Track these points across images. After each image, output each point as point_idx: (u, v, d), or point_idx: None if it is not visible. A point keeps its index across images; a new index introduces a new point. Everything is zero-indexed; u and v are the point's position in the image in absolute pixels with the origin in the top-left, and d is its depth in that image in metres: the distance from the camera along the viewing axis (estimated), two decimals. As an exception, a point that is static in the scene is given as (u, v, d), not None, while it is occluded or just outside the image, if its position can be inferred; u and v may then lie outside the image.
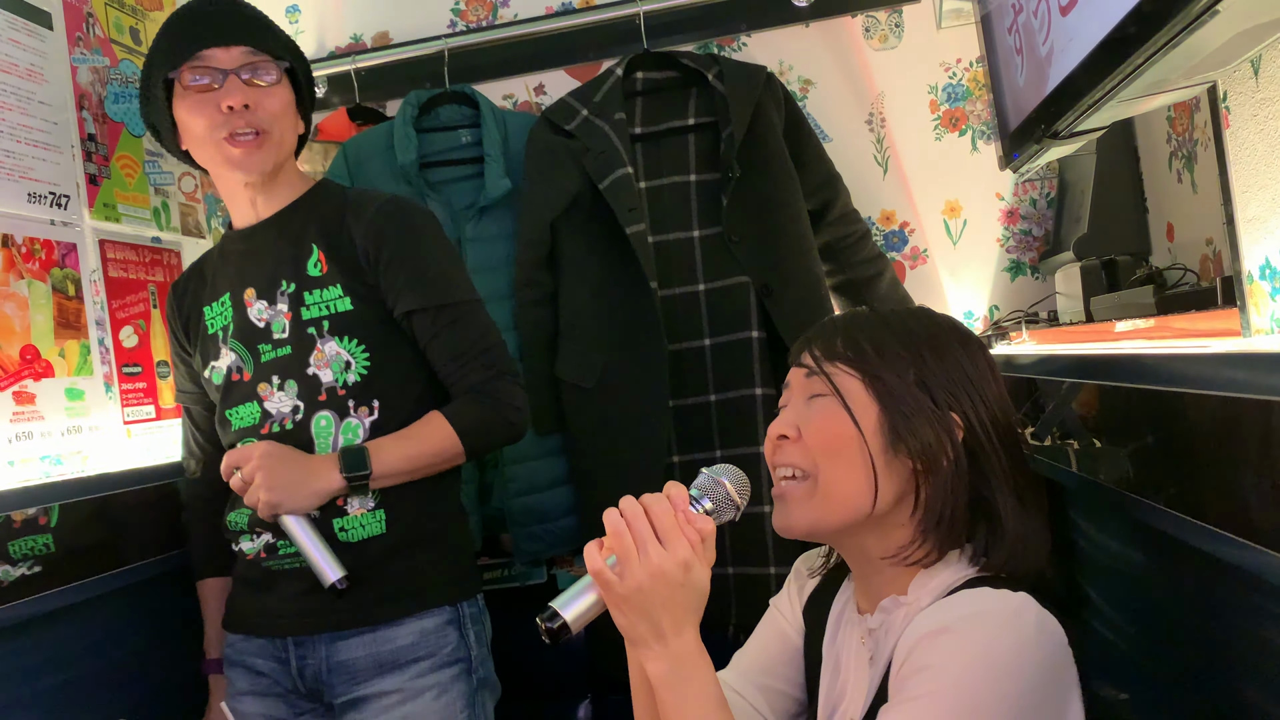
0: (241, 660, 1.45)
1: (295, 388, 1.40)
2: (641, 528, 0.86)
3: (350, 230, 1.42)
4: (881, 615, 0.96)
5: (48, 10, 1.61)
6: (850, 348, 0.96)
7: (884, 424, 0.93)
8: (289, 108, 1.43)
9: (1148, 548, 1.13)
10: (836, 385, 0.95)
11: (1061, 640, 0.86)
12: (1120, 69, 0.93)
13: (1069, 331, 1.64)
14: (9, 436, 1.43)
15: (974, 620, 0.84)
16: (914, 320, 1.00)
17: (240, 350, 1.44)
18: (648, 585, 0.85)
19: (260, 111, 1.38)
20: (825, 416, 0.95)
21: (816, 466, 0.95)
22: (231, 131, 1.37)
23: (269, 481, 1.31)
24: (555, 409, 1.98)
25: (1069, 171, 1.91)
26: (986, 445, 0.95)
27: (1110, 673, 1.24)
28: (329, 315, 1.40)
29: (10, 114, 1.51)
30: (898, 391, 0.94)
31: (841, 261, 2.01)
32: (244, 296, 1.45)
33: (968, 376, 0.96)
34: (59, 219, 1.59)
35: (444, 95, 2.08)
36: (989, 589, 0.88)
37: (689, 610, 0.88)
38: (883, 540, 0.96)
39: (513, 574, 2.15)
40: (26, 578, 1.32)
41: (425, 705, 1.37)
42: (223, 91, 1.36)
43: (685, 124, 1.99)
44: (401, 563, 1.39)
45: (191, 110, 1.38)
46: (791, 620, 1.13)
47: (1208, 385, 0.87)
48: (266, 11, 1.45)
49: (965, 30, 2.04)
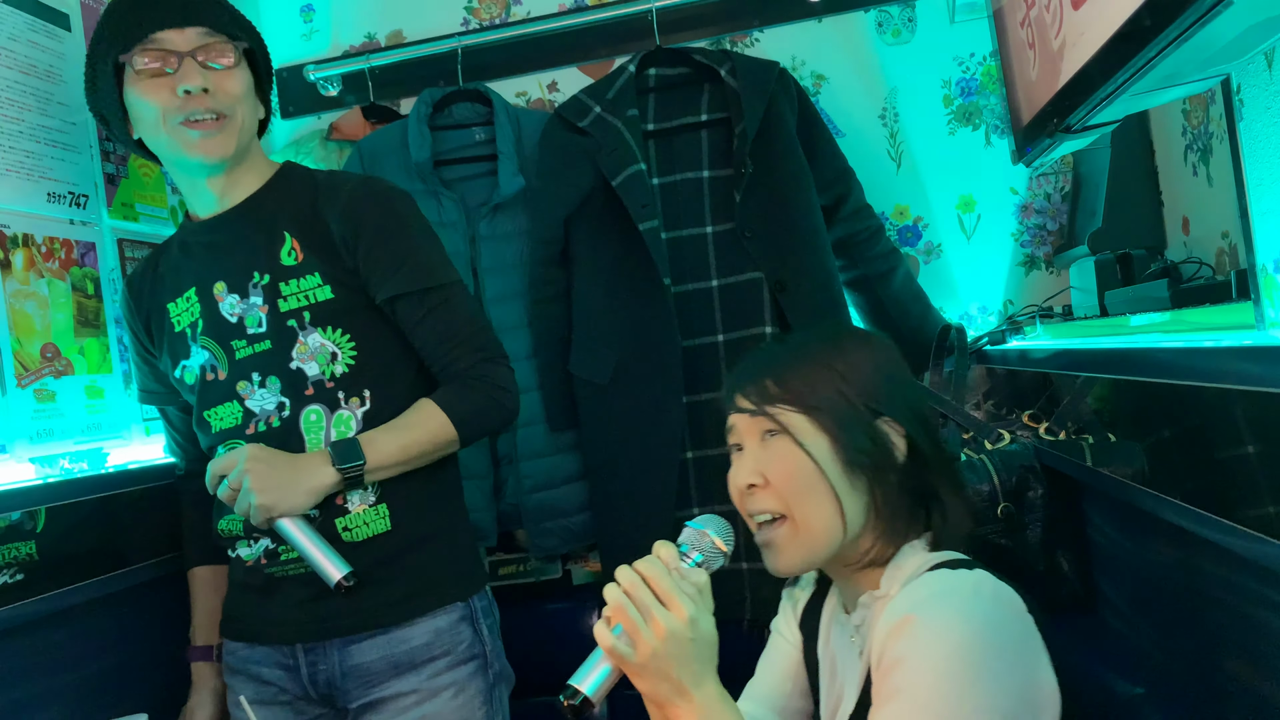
0: (245, 669, 1.40)
1: (278, 384, 1.35)
2: (642, 595, 0.90)
3: (324, 215, 1.36)
4: (862, 611, 1.01)
5: (65, 12, 1.63)
6: (782, 387, 1.02)
7: (836, 452, 1.00)
8: (249, 90, 1.36)
9: (1162, 541, 1.13)
10: (786, 424, 1.01)
11: (1020, 608, 0.91)
12: (1133, 62, 0.92)
13: (1083, 326, 1.64)
14: (31, 434, 1.44)
15: (935, 603, 0.90)
16: (822, 343, 1.06)
17: (213, 347, 1.38)
18: (661, 649, 0.89)
19: (219, 94, 1.31)
20: (785, 459, 1.00)
21: (790, 507, 1.00)
22: (189, 116, 1.30)
23: (259, 485, 1.25)
24: (569, 406, 1.99)
25: (1083, 165, 1.90)
26: (921, 435, 1.03)
27: (1125, 666, 1.24)
28: (309, 305, 1.34)
29: (29, 115, 1.53)
30: (838, 417, 1.00)
31: (855, 257, 2.01)
32: (213, 291, 1.38)
33: (888, 377, 1.04)
34: (78, 218, 1.61)
35: (458, 93, 2.08)
36: (945, 570, 0.94)
37: (704, 661, 0.91)
38: (850, 550, 1.02)
39: (528, 569, 2.16)
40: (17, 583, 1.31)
41: (444, 704, 1.35)
42: (178, 75, 1.29)
43: (698, 120, 1.99)
44: (410, 561, 1.36)
45: (145, 95, 1.31)
46: (791, 637, 1.18)
47: (1222, 379, 0.87)
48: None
49: (978, 24, 2.03)
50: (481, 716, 1.38)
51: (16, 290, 1.46)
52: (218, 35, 1.32)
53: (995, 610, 0.90)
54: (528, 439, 1.99)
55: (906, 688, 0.87)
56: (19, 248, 1.48)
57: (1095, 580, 1.48)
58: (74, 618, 1.40)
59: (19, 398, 1.43)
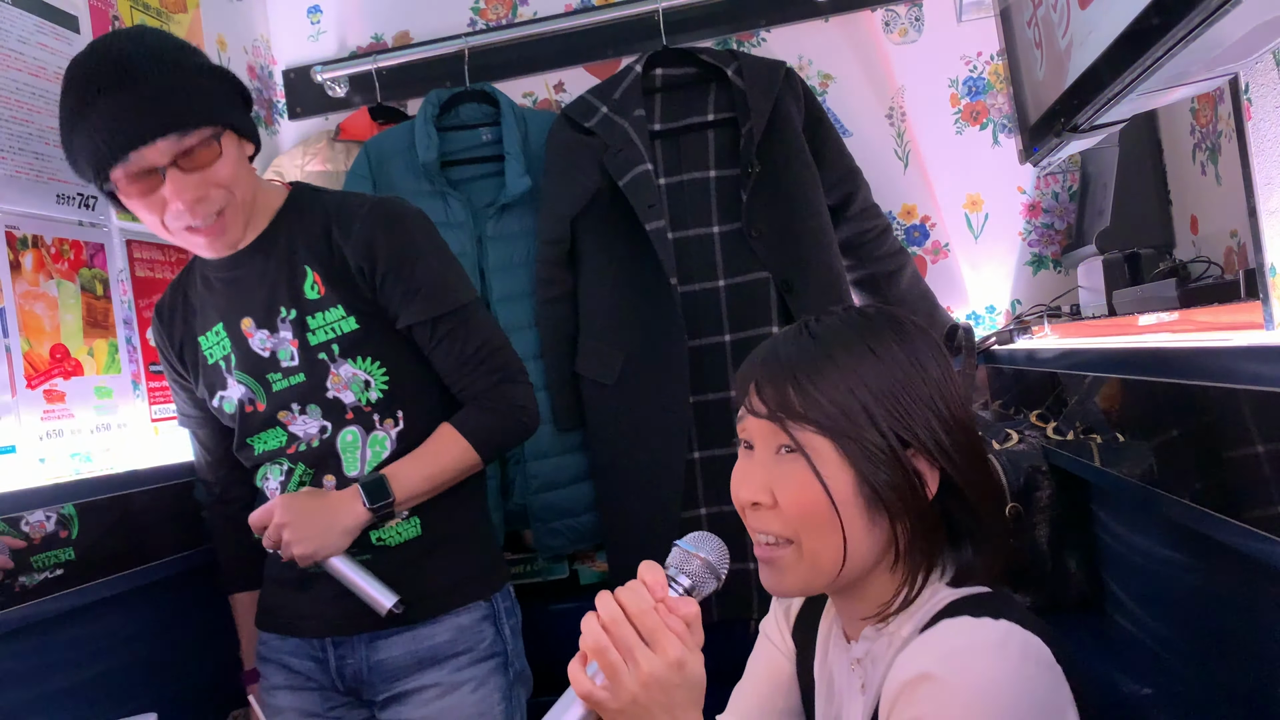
0: (276, 658, 1.46)
1: (319, 410, 1.39)
2: (624, 634, 0.80)
3: (339, 246, 1.37)
4: (865, 644, 0.93)
5: (74, 14, 1.63)
6: (805, 401, 0.89)
7: (860, 487, 0.88)
8: (238, 161, 1.31)
9: (1170, 542, 1.12)
10: (803, 444, 0.89)
11: (1050, 663, 0.82)
12: (1141, 61, 0.92)
13: (1091, 325, 1.63)
14: (40, 434, 1.45)
15: (958, 659, 0.80)
16: (854, 352, 0.91)
17: (249, 382, 1.41)
18: (643, 697, 0.79)
19: (213, 193, 1.28)
20: (800, 486, 0.89)
21: (798, 535, 0.90)
22: (188, 225, 1.28)
23: (297, 535, 1.31)
24: (576, 405, 1.99)
25: (1091, 164, 1.89)
26: (960, 466, 0.89)
27: (1133, 667, 1.24)
28: (337, 338, 1.37)
29: (39, 117, 1.53)
30: (865, 448, 0.87)
31: (862, 256, 2.01)
32: (241, 327, 1.40)
33: (924, 398, 0.89)
34: (87, 220, 1.61)
35: (464, 94, 2.09)
36: (968, 618, 0.84)
37: (689, 706, 0.82)
38: (863, 595, 0.93)
39: (535, 569, 2.16)
40: (49, 580, 1.34)
41: (463, 698, 1.39)
42: (167, 189, 1.24)
43: (705, 120, 1.99)
44: (437, 561, 1.41)
45: (142, 211, 1.28)
46: (782, 645, 1.11)
47: (1231, 379, 0.87)
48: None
49: (985, 23, 2.03)
50: (500, 713, 1.42)
51: (26, 291, 1.47)
52: (190, 134, 1.24)
53: (1023, 669, 0.80)
54: (534, 439, 1.99)
55: None
56: (28, 249, 1.48)
57: (1103, 580, 1.48)
58: (82, 618, 1.41)
59: (29, 398, 1.44)
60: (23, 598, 1.29)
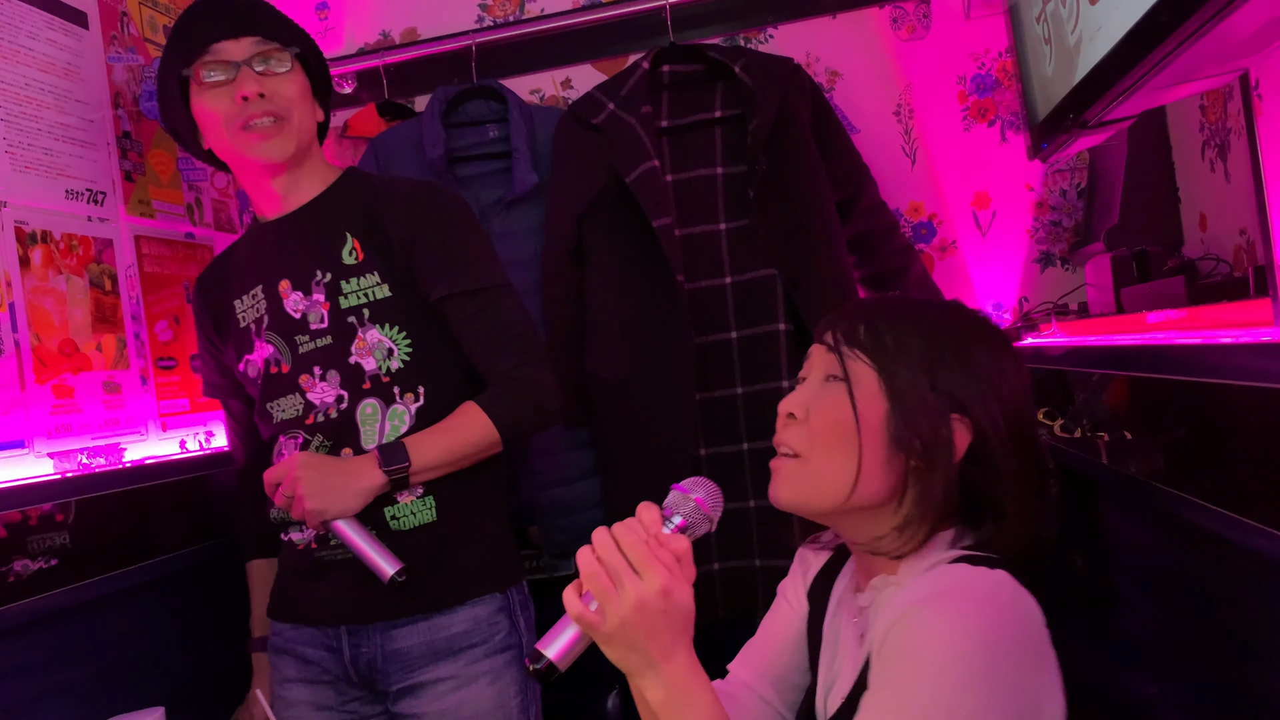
0: (290, 649, 1.45)
1: (338, 377, 1.41)
2: (615, 561, 0.85)
3: (382, 217, 1.42)
4: (872, 593, 0.97)
5: (83, 10, 1.64)
6: (871, 336, 0.96)
7: (889, 422, 0.93)
8: (304, 93, 1.43)
9: (1179, 541, 1.12)
10: (850, 373, 0.95)
11: (1038, 621, 0.85)
12: (1150, 57, 0.92)
13: (1099, 323, 1.63)
14: (49, 429, 1.45)
15: (947, 596, 0.84)
16: (939, 315, 0.99)
17: (277, 342, 1.44)
18: (631, 619, 0.84)
19: (275, 98, 1.38)
20: (833, 405, 0.95)
21: (811, 450, 0.95)
22: (247, 120, 1.37)
23: (310, 490, 1.32)
24: (582, 402, 1.99)
25: (1099, 161, 1.89)
26: (997, 447, 0.94)
27: (1139, 666, 1.23)
28: (368, 303, 1.40)
29: (48, 112, 1.54)
30: (908, 390, 0.93)
31: (869, 253, 2.00)
32: (278, 288, 1.44)
33: (986, 375, 0.95)
34: (95, 215, 1.62)
35: (471, 90, 2.09)
36: (965, 565, 0.88)
37: (676, 634, 0.87)
38: (859, 528, 0.97)
39: (541, 565, 2.16)
40: (44, 570, 1.34)
41: (479, 691, 1.39)
42: (236, 82, 1.37)
43: (712, 117, 1.98)
44: (454, 550, 1.41)
45: (207, 104, 1.39)
46: (796, 605, 1.13)
47: (1240, 376, 0.87)
48: (296, 11, 1.47)
49: (993, 20, 2.02)
50: (515, 706, 1.42)
51: (35, 286, 1.47)
52: (271, 43, 1.39)
53: (1010, 617, 0.84)
54: (541, 435, 1.99)
55: (901, 680, 0.82)
56: (37, 244, 1.49)
57: (1110, 578, 1.47)
58: (88, 612, 1.42)
59: (38, 394, 1.45)
60: (26, 591, 1.30)
